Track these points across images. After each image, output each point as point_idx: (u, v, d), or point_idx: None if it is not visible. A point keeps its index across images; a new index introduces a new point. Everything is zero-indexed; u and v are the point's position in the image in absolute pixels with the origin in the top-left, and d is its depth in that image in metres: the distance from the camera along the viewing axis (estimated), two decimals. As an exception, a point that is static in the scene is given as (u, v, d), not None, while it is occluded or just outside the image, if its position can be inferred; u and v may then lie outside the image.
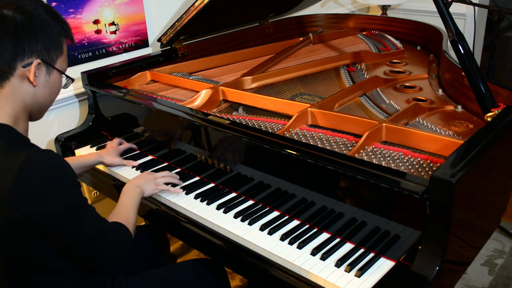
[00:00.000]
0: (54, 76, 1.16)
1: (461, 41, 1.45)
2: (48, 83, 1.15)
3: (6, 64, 1.08)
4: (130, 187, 1.43)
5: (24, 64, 1.09)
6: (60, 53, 1.16)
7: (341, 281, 1.12)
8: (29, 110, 1.16)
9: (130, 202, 1.37)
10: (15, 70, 1.09)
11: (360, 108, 1.71)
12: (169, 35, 2.10)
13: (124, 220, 1.28)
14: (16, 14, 1.07)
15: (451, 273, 1.20)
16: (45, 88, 1.15)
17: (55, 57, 1.14)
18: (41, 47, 1.10)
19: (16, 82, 1.10)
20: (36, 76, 1.12)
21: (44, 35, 1.10)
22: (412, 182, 1.11)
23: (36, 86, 1.13)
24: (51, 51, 1.13)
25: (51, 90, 1.18)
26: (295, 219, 1.36)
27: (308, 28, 2.75)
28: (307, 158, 1.28)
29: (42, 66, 1.12)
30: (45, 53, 1.11)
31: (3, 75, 1.09)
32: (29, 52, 1.09)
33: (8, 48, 1.06)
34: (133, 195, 1.40)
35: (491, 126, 1.30)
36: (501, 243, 2.43)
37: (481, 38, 3.40)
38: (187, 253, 2.47)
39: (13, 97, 1.11)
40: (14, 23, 1.06)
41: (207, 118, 1.53)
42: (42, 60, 1.11)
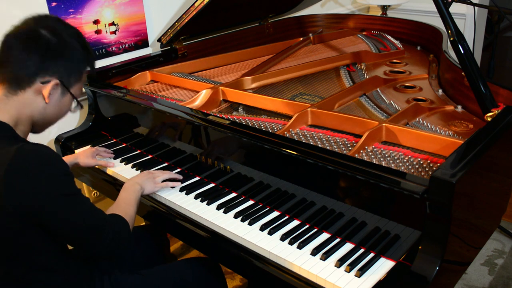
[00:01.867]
0: (66, 99, 1.23)
1: (461, 41, 1.45)
2: (59, 103, 1.22)
3: (27, 76, 1.15)
4: (130, 183, 1.46)
5: (43, 81, 1.16)
6: (79, 80, 1.24)
7: (341, 281, 1.12)
8: (34, 121, 1.22)
9: (129, 197, 1.40)
10: (33, 84, 1.16)
11: (360, 108, 1.71)
12: (169, 35, 2.10)
13: (123, 212, 1.30)
14: (50, 36, 1.16)
15: (451, 273, 1.20)
16: (55, 107, 1.22)
17: (73, 82, 1.22)
18: (63, 70, 1.18)
19: (30, 94, 1.17)
20: (51, 94, 1.18)
21: (69, 61, 1.19)
22: (412, 182, 1.11)
23: (47, 103, 1.19)
24: (71, 76, 1.21)
25: (59, 110, 1.24)
26: (295, 219, 1.36)
27: (308, 28, 2.75)
28: (307, 158, 1.28)
29: (59, 87, 1.19)
30: (65, 76, 1.19)
31: (21, 85, 1.16)
32: (52, 72, 1.16)
33: (34, 63, 1.14)
34: (132, 191, 1.43)
35: (491, 126, 1.30)
36: (501, 243, 2.43)
37: (481, 38, 3.40)
38: (187, 253, 2.47)
39: (23, 106, 1.17)
40: (47, 43, 1.15)
41: (207, 118, 1.53)
42: (60, 81, 1.19)
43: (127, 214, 1.31)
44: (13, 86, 1.16)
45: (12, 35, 1.16)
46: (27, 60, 1.14)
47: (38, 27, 1.16)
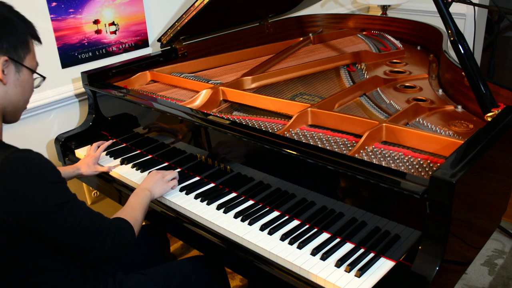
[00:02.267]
0: (24, 75, 1.17)
1: (461, 41, 1.45)
2: (19, 81, 1.16)
3: None
4: (139, 189, 1.45)
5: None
6: (28, 51, 1.17)
7: (341, 281, 1.12)
8: (2, 110, 1.16)
9: (137, 202, 1.38)
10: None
11: (360, 108, 1.71)
12: (169, 35, 2.10)
13: (128, 216, 1.29)
14: None
15: (451, 273, 1.20)
16: (16, 87, 1.16)
17: (22, 54, 1.15)
18: (6, 45, 1.11)
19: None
20: (5, 74, 1.12)
21: (9, 33, 1.12)
22: (412, 182, 1.11)
23: (6, 84, 1.13)
24: (18, 49, 1.14)
25: (22, 89, 1.18)
26: (295, 219, 1.36)
27: (308, 28, 2.75)
28: (307, 158, 1.28)
29: (10, 64, 1.13)
30: (12, 51, 1.12)
31: None
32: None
33: None
34: (142, 196, 1.41)
35: (491, 126, 1.30)
36: (501, 243, 2.43)
37: (481, 38, 3.39)
38: (187, 253, 2.47)
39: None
40: None
41: (207, 118, 1.53)
42: (9, 57, 1.11)
43: (132, 217, 1.29)
44: None
45: None
46: None
47: None
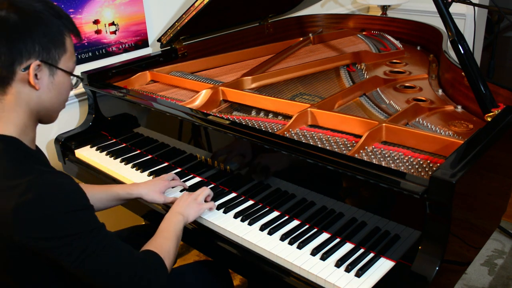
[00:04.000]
0: (59, 77, 1.07)
1: (461, 41, 1.45)
2: (53, 85, 1.07)
3: (5, 69, 1.00)
4: (171, 214, 1.32)
5: (23, 68, 1.01)
6: (63, 51, 1.06)
7: (341, 281, 1.12)
8: (36, 115, 1.09)
9: (168, 229, 1.26)
10: (15, 75, 1.01)
11: (360, 108, 1.71)
12: (169, 35, 2.10)
13: (159, 248, 1.16)
14: (8, 14, 0.98)
15: (451, 273, 1.20)
16: (50, 91, 1.07)
17: (57, 56, 1.05)
18: (39, 47, 1.01)
19: (18, 87, 1.03)
20: (38, 78, 1.03)
21: (41, 34, 1.01)
22: (412, 182, 1.11)
23: (39, 90, 1.04)
24: (52, 51, 1.04)
25: (57, 92, 1.09)
26: (295, 219, 1.36)
27: (308, 28, 2.75)
28: (307, 158, 1.28)
29: (44, 67, 1.03)
30: (44, 54, 1.03)
31: (4, 81, 1.02)
32: (26, 54, 1.00)
33: (4, 51, 0.99)
34: (174, 222, 1.28)
35: (491, 126, 1.30)
36: (501, 243, 2.43)
37: (481, 38, 3.39)
38: (186, 253, 2.47)
39: (16, 104, 1.04)
40: (6, 24, 0.98)
41: (207, 118, 1.53)
42: (42, 61, 1.02)
43: (163, 249, 1.17)
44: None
45: None
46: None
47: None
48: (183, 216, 1.31)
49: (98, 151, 1.84)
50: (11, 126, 1.05)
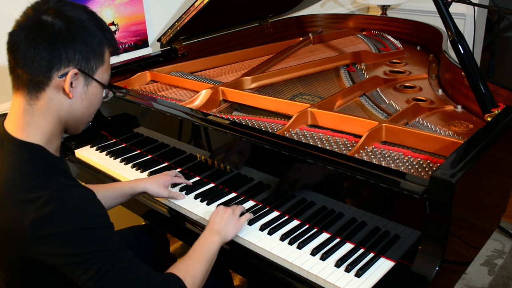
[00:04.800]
0: (93, 88, 1.07)
1: (461, 41, 1.45)
2: (86, 95, 1.06)
3: (42, 74, 1.00)
4: (207, 233, 1.24)
5: (60, 74, 1.00)
6: (101, 63, 1.07)
7: (341, 281, 1.12)
8: (63, 124, 1.07)
9: (200, 251, 1.18)
10: (51, 80, 1.00)
11: (360, 108, 1.71)
12: (169, 35, 2.10)
13: (184, 271, 1.10)
14: (54, 20, 0.99)
15: (451, 273, 1.20)
16: (82, 101, 1.06)
17: (94, 67, 1.05)
18: (79, 56, 1.01)
19: (51, 94, 1.02)
20: (73, 87, 1.02)
21: (83, 43, 1.02)
22: (412, 182, 1.11)
23: (72, 98, 1.03)
24: (90, 61, 1.04)
25: (89, 103, 1.08)
26: (295, 219, 1.36)
27: (308, 28, 2.75)
28: (307, 158, 1.28)
29: (80, 76, 1.03)
30: (83, 63, 1.03)
31: (39, 85, 1.01)
32: (66, 61, 1.00)
33: (44, 56, 0.98)
34: (209, 242, 1.20)
35: (491, 126, 1.30)
36: (501, 243, 2.43)
37: (481, 38, 3.39)
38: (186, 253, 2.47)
39: (47, 110, 1.03)
40: (51, 29, 0.99)
41: (207, 118, 1.53)
42: (79, 70, 1.02)
43: (188, 274, 1.09)
44: (32, 90, 1.01)
45: (15, 32, 1.00)
46: (36, 55, 0.98)
47: (39, 14, 1.00)
48: (221, 236, 1.23)
49: (98, 151, 1.84)
50: (39, 134, 1.03)
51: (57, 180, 0.98)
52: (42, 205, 0.93)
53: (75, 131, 1.13)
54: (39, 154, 1.02)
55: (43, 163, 1.01)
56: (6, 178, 0.99)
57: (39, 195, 0.94)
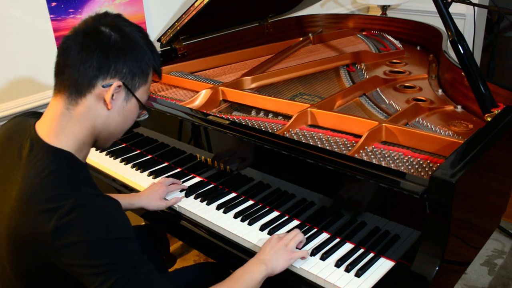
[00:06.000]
0: (131, 105, 1.08)
1: (461, 41, 1.45)
2: (124, 110, 1.07)
3: (87, 80, 1.01)
4: (254, 261, 1.16)
5: (105, 84, 1.02)
6: (144, 82, 1.09)
7: (341, 281, 1.12)
8: (96, 135, 1.08)
9: (241, 279, 1.11)
10: (94, 88, 1.02)
11: (360, 108, 1.71)
12: (169, 35, 2.10)
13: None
14: (112, 32, 1.02)
15: (450, 273, 1.20)
16: (118, 115, 1.07)
17: (137, 84, 1.07)
18: (126, 70, 1.04)
19: (91, 101, 1.03)
20: (113, 99, 1.04)
21: (133, 59, 1.04)
22: (412, 182, 1.11)
23: (110, 110, 1.05)
24: (136, 78, 1.06)
25: (124, 119, 1.09)
26: (295, 219, 1.36)
27: (308, 28, 2.75)
28: (307, 158, 1.28)
29: (122, 90, 1.05)
30: (128, 78, 1.05)
31: (81, 91, 1.02)
32: (113, 72, 1.02)
33: (94, 64, 1.01)
34: (252, 272, 1.13)
35: (491, 126, 1.30)
36: (501, 243, 2.43)
37: (481, 38, 3.39)
38: (186, 253, 2.47)
39: (84, 117, 1.04)
40: (107, 39, 1.02)
41: (207, 118, 1.53)
42: (123, 83, 1.04)
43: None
44: (73, 94, 1.02)
45: (70, 37, 1.03)
46: (86, 61, 1.00)
47: (98, 24, 1.03)
48: (267, 267, 1.14)
49: (98, 151, 1.84)
50: (71, 140, 1.03)
51: (82, 189, 0.97)
52: (65, 213, 0.92)
53: (104, 144, 1.13)
54: (68, 162, 1.01)
55: (71, 172, 1.00)
56: (32, 184, 0.97)
57: (63, 203, 0.93)
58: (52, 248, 0.93)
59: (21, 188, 0.98)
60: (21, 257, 1.00)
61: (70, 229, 0.92)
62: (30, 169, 0.99)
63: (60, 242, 0.92)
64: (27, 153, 1.02)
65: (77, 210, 0.93)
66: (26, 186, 0.98)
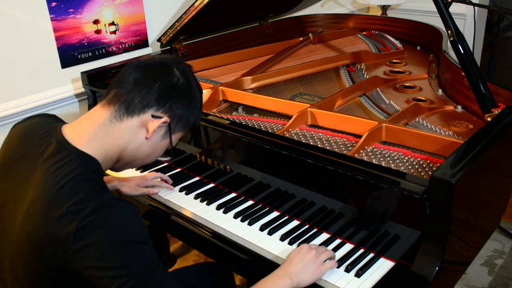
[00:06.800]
0: (164, 143, 1.14)
1: (461, 41, 1.45)
2: (157, 144, 1.13)
3: (142, 104, 1.06)
4: (280, 273, 1.11)
5: (155, 115, 1.07)
6: (182, 130, 1.15)
7: (341, 281, 1.12)
8: (121, 157, 1.11)
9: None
10: (143, 114, 1.07)
11: (360, 108, 1.71)
12: (169, 35, 2.10)
13: None
14: (181, 76, 1.10)
15: (450, 273, 1.20)
16: (150, 147, 1.12)
17: (177, 129, 1.14)
18: (177, 112, 1.10)
19: (135, 124, 1.07)
20: (155, 131, 1.09)
21: (186, 107, 1.12)
22: (412, 182, 1.11)
23: (147, 139, 1.10)
24: (180, 123, 1.13)
25: (152, 152, 1.14)
26: (295, 219, 1.36)
27: (308, 28, 2.75)
28: (307, 158, 1.28)
29: (164, 128, 1.11)
30: (175, 120, 1.11)
31: (131, 111, 1.06)
32: (167, 109, 1.09)
33: (156, 94, 1.07)
34: (277, 284, 1.09)
35: (491, 126, 1.30)
36: (501, 243, 2.43)
37: (481, 38, 3.40)
38: (187, 253, 2.47)
39: (121, 135, 1.07)
40: (176, 80, 1.09)
41: (207, 118, 1.53)
42: (169, 122, 1.10)
43: None
44: (122, 110, 1.06)
45: (146, 61, 1.10)
46: (151, 88, 1.06)
47: (174, 64, 1.11)
48: (292, 281, 1.09)
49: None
50: (101, 151, 1.06)
51: (104, 194, 0.99)
52: (87, 215, 0.93)
53: (121, 167, 1.16)
54: (95, 168, 1.03)
55: (95, 177, 1.01)
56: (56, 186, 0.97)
57: (84, 205, 0.94)
58: (72, 251, 0.93)
59: (44, 189, 0.98)
60: (37, 260, 0.99)
61: (91, 230, 0.93)
62: (55, 171, 0.99)
63: (80, 244, 0.93)
64: (52, 154, 1.02)
65: (98, 211, 0.94)
66: (49, 187, 0.97)
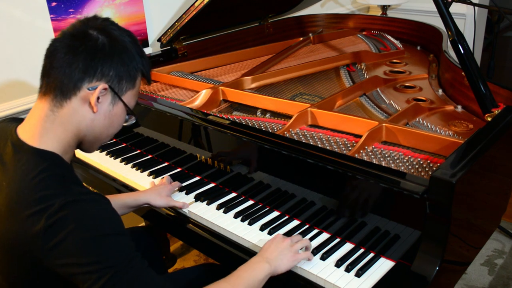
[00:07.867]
0: (118, 108, 1.07)
1: (461, 41, 1.45)
2: (110, 113, 1.06)
3: (73, 82, 1.00)
4: (257, 259, 1.14)
5: (90, 86, 1.01)
6: (132, 87, 1.08)
7: (341, 281, 1.12)
8: (80, 138, 1.06)
9: (242, 277, 1.09)
10: (79, 90, 1.01)
11: (360, 108, 1.71)
12: (169, 35, 2.10)
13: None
14: (99, 35, 1.02)
15: (450, 273, 1.20)
16: (104, 119, 1.06)
17: (124, 88, 1.06)
18: (113, 73, 1.03)
19: (76, 104, 1.02)
20: (99, 102, 1.03)
21: (120, 63, 1.03)
22: (412, 182, 1.11)
23: (95, 113, 1.03)
24: (123, 81, 1.05)
25: (110, 123, 1.08)
26: (295, 219, 1.36)
27: (308, 28, 2.75)
28: (307, 158, 1.28)
29: (108, 93, 1.04)
30: (115, 81, 1.03)
31: (67, 93, 1.01)
32: (100, 74, 1.01)
33: (80, 66, 1.00)
34: (255, 270, 1.11)
35: (491, 126, 1.30)
36: (501, 243, 2.43)
37: (481, 38, 3.40)
38: (187, 253, 2.47)
39: (68, 120, 1.02)
40: (94, 42, 1.01)
41: (207, 118, 1.53)
42: (109, 86, 1.03)
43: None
44: (58, 96, 1.01)
45: (58, 39, 1.02)
46: (72, 63, 0.99)
47: (86, 27, 1.02)
48: (270, 266, 1.12)
49: (98, 151, 1.84)
50: (55, 142, 1.02)
51: (71, 187, 0.96)
52: (55, 211, 0.91)
53: (89, 149, 1.12)
54: (56, 162, 1.00)
55: (59, 171, 0.98)
56: (19, 187, 0.96)
57: (52, 202, 0.92)
58: (44, 250, 0.91)
59: (8, 193, 0.97)
60: (12, 263, 0.99)
61: (60, 226, 0.90)
62: (16, 173, 0.98)
63: (52, 242, 0.91)
64: (10, 157, 1.01)
65: (67, 207, 0.91)
66: (13, 190, 0.96)
